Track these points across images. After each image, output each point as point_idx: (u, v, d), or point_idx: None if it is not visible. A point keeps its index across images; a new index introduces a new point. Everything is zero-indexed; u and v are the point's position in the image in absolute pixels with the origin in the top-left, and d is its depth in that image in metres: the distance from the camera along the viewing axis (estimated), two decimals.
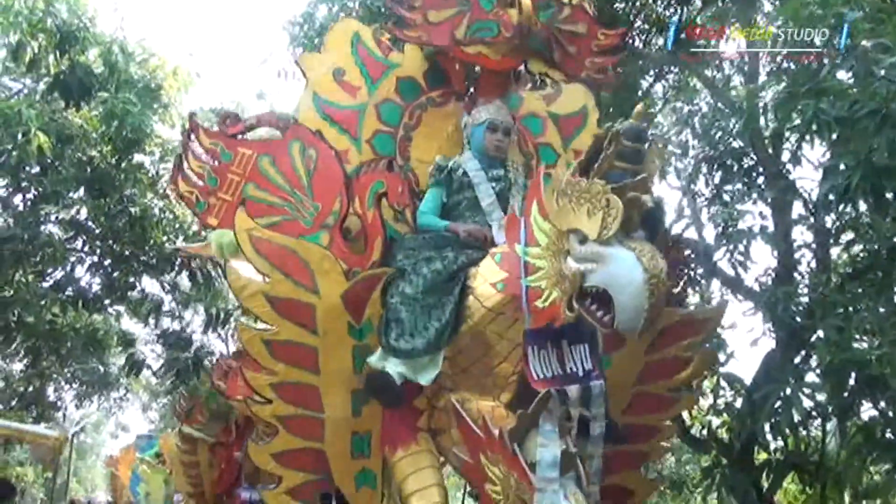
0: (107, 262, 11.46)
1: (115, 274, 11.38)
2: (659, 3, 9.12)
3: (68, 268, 11.49)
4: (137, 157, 11.23)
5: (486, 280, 3.78)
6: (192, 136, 4.27)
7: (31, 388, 14.77)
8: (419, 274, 3.93)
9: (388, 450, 3.98)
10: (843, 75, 5.61)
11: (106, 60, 10.51)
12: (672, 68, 9.06)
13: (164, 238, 11.40)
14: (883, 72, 5.01)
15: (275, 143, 4.21)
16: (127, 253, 11.26)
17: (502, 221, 4.11)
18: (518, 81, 4.94)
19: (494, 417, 3.59)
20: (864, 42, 5.07)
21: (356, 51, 4.59)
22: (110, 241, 11.21)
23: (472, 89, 4.81)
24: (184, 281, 12.37)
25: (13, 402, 14.80)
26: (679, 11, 9.13)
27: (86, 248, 11.47)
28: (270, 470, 4.03)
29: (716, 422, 7.68)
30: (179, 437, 6.82)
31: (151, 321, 12.88)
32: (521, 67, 4.81)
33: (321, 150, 4.08)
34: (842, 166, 5.40)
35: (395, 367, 3.81)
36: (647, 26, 8.88)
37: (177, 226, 11.47)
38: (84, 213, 10.92)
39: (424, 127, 4.63)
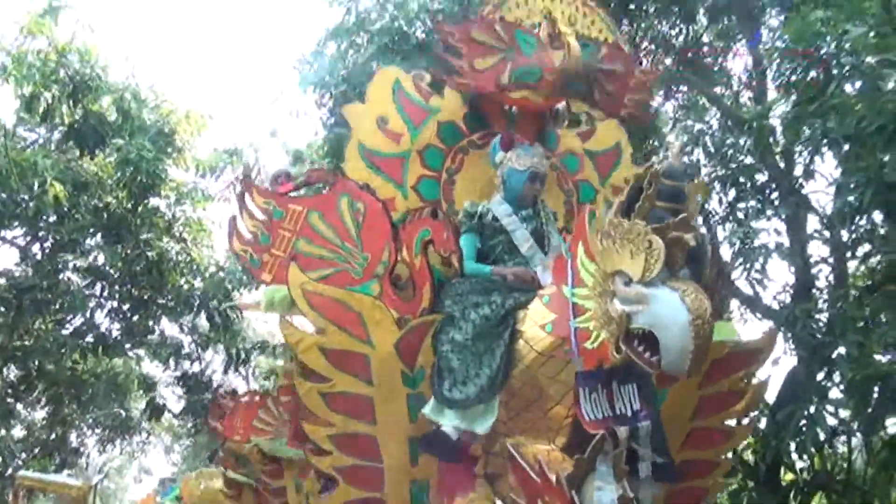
0: (126, 307, 11.54)
1: (135, 318, 11.45)
2: (664, 22, 9.15)
3: (88, 314, 11.54)
4: (153, 202, 11.36)
5: (536, 323, 3.79)
6: (246, 196, 4.37)
7: (53, 436, 14.80)
8: (468, 320, 3.94)
9: (446, 499, 3.96)
10: (849, 89, 5.59)
11: (119, 108, 10.68)
12: (680, 87, 9.07)
13: (182, 280, 11.46)
14: (893, 83, 5.00)
15: (324, 197, 4.34)
16: (145, 297, 11.34)
17: (546, 263, 4.15)
18: (555, 119, 5.00)
19: (550, 461, 3.56)
20: (868, 58, 5.06)
21: (397, 98, 4.71)
22: (128, 286, 11.31)
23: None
24: (202, 322, 12.40)
25: (36, 450, 14.84)
26: (684, 31, 9.16)
27: (104, 294, 11.55)
28: None
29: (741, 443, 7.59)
30: (224, 482, 6.80)
31: (171, 363, 12.92)
32: (559, 105, 4.88)
33: (368, 202, 4.16)
34: (853, 183, 5.38)
35: (450, 421, 3.81)
36: (653, 46, 8.90)
37: (194, 267, 11.52)
38: (101, 259, 11.00)
39: (467, 170, 4.71)
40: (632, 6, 8.40)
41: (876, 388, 5.54)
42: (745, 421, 4.64)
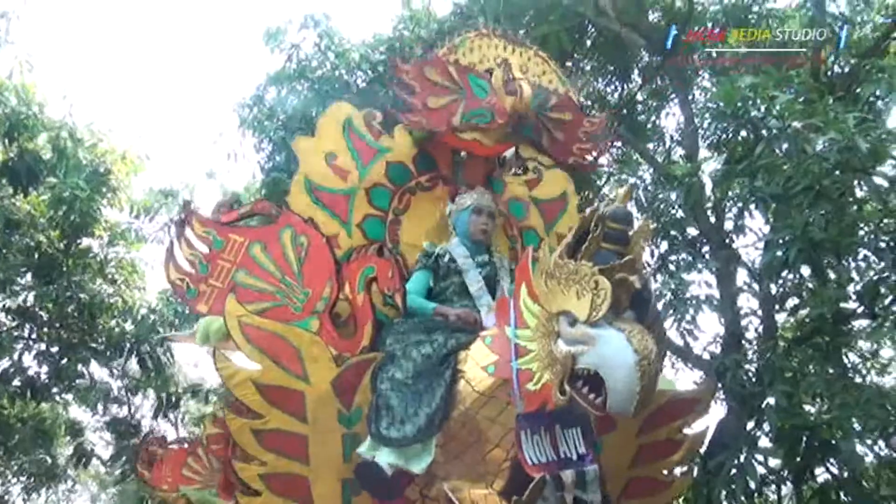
0: (55, 350, 11.21)
1: (64, 361, 11.13)
2: (601, 80, 9.42)
3: (16, 356, 11.20)
4: (86, 242, 11.13)
5: (477, 363, 3.75)
6: (186, 224, 4.31)
7: None
8: (409, 358, 3.90)
9: None
10: (776, 151, 5.83)
11: (55, 146, 10.49)
12: (615, 143, 9.31)
13: (113, 323, 11.22)
14: (820, 145, 5.22)
15: (266, 229, 4.28)
16: (75, 340, 11.05)
17: (491, 306, 4.16)
18: (503, 167, 5.07)
19: None
20: (795, 123, 5.28)
21: (347, 134, 4.72)
22: (58, 328, 11.01)
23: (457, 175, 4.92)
24: (133, 366, 12.13)
25: None
26: (619, 88, 9.44)
27: (33, 336, 11.23)
28: None
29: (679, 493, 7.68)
30: None
31: (100, 408, 12.57)
32: (506, 153, 4.99)
33: (312, 237, 4.13)
34: (780, 240, 5.58)
35: (385, 458, 3.72)
36: (589, 102, 9.14)
37: (125, 310, 11.30)
38: (31, 299, 10.72)
39: (413, 211, 4.75)
40: (569, 63, 8.63)
41: (804, 438, 5.72)
42: (683, 470, 4.64)
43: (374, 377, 3.91)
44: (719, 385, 6.52)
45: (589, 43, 8.94)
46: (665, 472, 4.43)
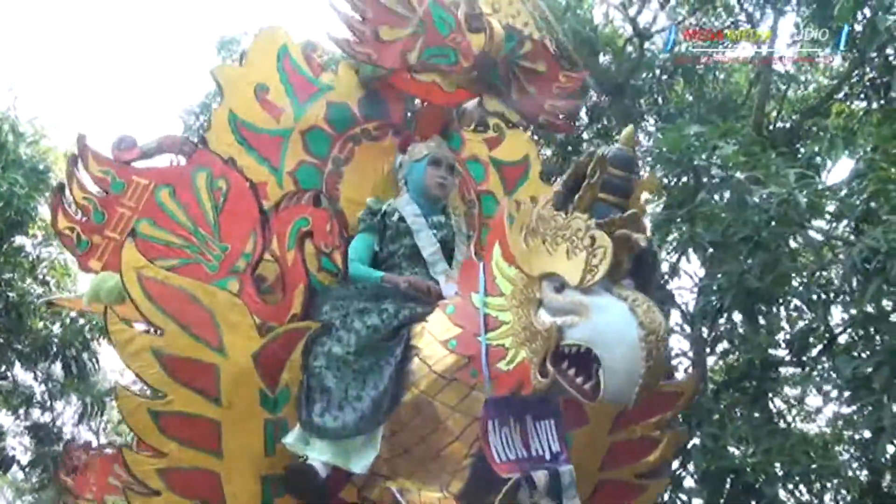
0: None
1: None
2: None
3: None
4: (19, 240, 10.84)
5: (436, 338, 3.16)
6: (80, 162, 3.68)
7: None
8: (351, 330, 3.29)
9: None
10: (717, 199, 6.00)
11: None
12: (559, 179, 9.41)
13: (41, 325, 10.95)
14: (759, 197, 5.37)
15: (177, 170, 3.65)
16: (1, 340, 10.75)
17: (450, 274, 3.60)
18: (461, 118, 4.50)
19: None
20: (738, 174, 5.41)
21: (282, 66, 4.03)
22: None
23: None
24: (57, 370, 11.83)
25: None
26: None
27: None
28: None
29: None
30: None
31: (21, 412, 12.22)
32: (467, 104, 4.44)
33: (233, 180, 3.48)
34: (716, 286, 5.73)
35: (319, 455, 3.11)
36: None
37: (54, 313, 11.03)
38: None
39: (357, 162, 4.11)
40: None
41: (729, 480, 5.83)
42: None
43: (306, 351, 3.30)
44: None
45: None
46: (638, 475, 3.85)
